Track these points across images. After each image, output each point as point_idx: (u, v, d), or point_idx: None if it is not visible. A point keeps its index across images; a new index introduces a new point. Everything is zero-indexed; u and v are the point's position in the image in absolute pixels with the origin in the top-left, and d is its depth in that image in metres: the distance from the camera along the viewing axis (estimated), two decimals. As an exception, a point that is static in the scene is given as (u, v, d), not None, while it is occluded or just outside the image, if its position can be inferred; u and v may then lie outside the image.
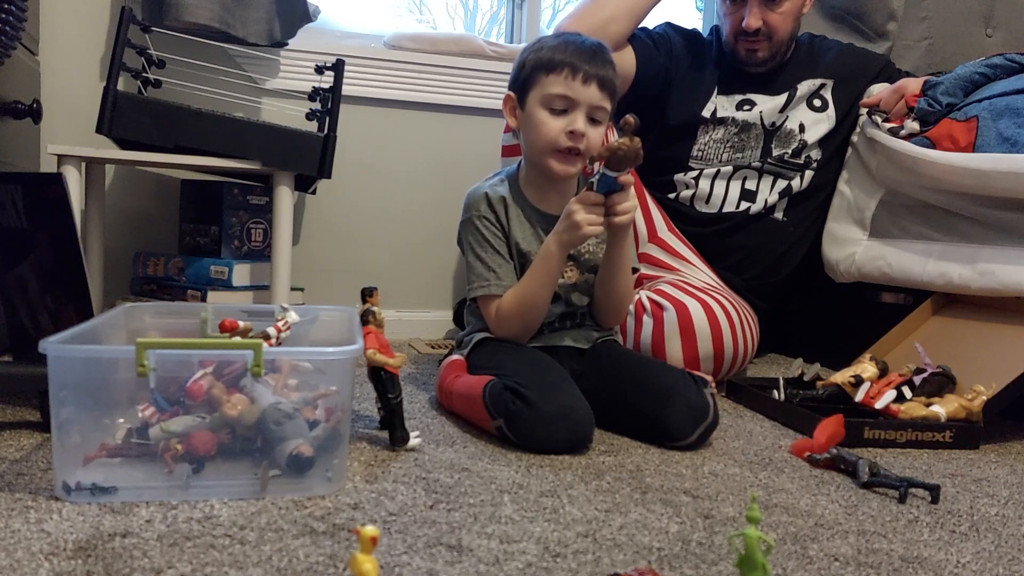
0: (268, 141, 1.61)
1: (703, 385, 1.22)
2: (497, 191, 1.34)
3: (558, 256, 1.26)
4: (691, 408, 1.18)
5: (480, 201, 1.34)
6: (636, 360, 1.34)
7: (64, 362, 0.85)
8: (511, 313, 1.30)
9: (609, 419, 1.24)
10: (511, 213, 1.33)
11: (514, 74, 1.35)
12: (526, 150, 1.36)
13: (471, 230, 1.34)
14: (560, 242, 1.25)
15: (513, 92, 1.35)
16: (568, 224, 1.24)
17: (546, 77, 1.28)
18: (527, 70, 1.31)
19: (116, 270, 1.82)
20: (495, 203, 1.34)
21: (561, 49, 1.28)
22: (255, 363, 0.87)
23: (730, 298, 1.63)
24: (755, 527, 0.63)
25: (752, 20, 1.73)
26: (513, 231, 1.33)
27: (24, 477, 0.90)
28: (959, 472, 1.16)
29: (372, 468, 1.01)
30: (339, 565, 0.73)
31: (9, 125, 1.50)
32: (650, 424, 1.20)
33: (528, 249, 1.33)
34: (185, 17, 1.68)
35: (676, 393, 1.19)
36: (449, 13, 2.94)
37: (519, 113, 1.34)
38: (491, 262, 1.32)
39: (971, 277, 1.50)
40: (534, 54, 1.31)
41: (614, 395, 1.25)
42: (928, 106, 1.62)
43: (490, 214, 1.33)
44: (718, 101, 1.82)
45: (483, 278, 1.32)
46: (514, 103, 1.34)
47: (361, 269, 2.07)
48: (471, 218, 1.34)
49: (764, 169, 1.81)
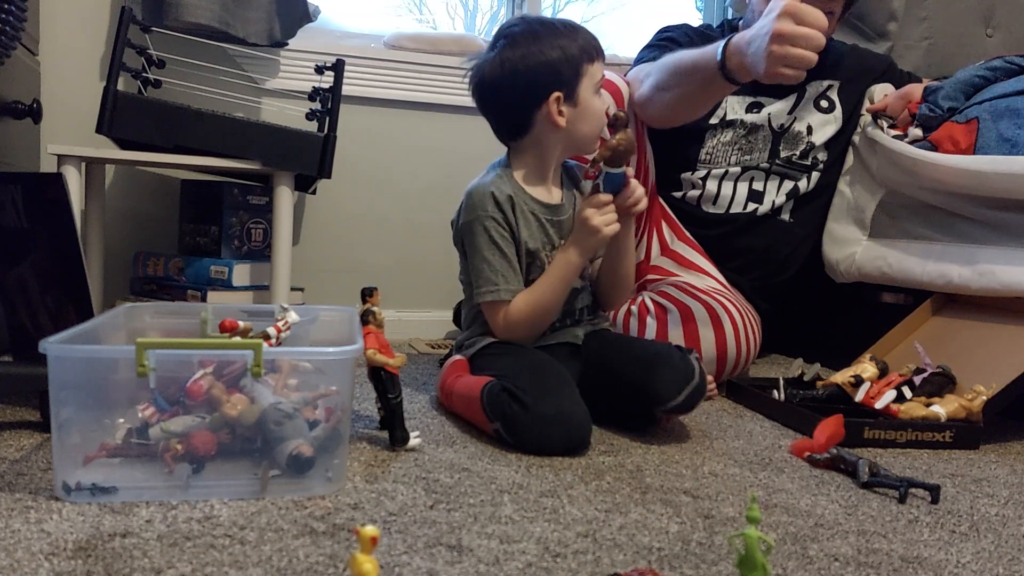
0: (268, 141, 1.61)
1: (688, 352, 1.24)
2: (502, 189, 1.29)
3: (579, 264, 1.28)
4: (676, 370, 1.20)
5: (487, 201, 1.28)
6: (622, 339, 1.39)
7: (64, 362, 0.85)
8: (522, 319, 1.29)
9: (599, 397, 1.24)
10: (517, 211, 1.30)
11: (556, 73, 1.26)
12: (574, 141, 1.32)
13: (478, 231, 1.28)
14: (582, 250, 1.27)
15: (560, 91, 1.27)
16: (587, 230, 1.25)
17: (591, 65, 1.29)
18: (574, 64, 1.26)
19: (116, 270, 1.82)
20: (503, 202, 1.28)
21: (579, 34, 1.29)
22: (255, 363, 0.87)
23: (734, 300, 1.63)
24: (755, 527, 0.63)
25: None
26: (521, 230, 1.30)
27: (24, 477, 0.90)
28: (959, 472, 1.16)
29: (372, 468, 1.01)
30: (339, 565, 0.73)
31: (9, 125, 1.50)
32: (638, 391, 1.21)
33: (536, 247, 1.31)
34: (185, 17, 1.68)
35: (661, 358, 1.22)
36: (449, 13, 2.95)
37: (567, 110, 1.28)
38: (499, 266, 1.28)
39: (971, 277, 1.50)
40: (564, 50, 1.26)
41: (603, 372, 1.27)
42: (929, 111, 1.63)
43: (498, 214, 1.28)
44: (728, 103, 1.81)
45: (491, 282, 1.28)
46: (561, 102, 1.27)
47: (361, 269, 2.07)
48: (477, 219, 1.28)
49: (772, 170, 1.80)
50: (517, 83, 1.28)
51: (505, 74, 1.29)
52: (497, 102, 1.34)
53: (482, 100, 1.35)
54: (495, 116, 1.36)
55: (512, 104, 1.31)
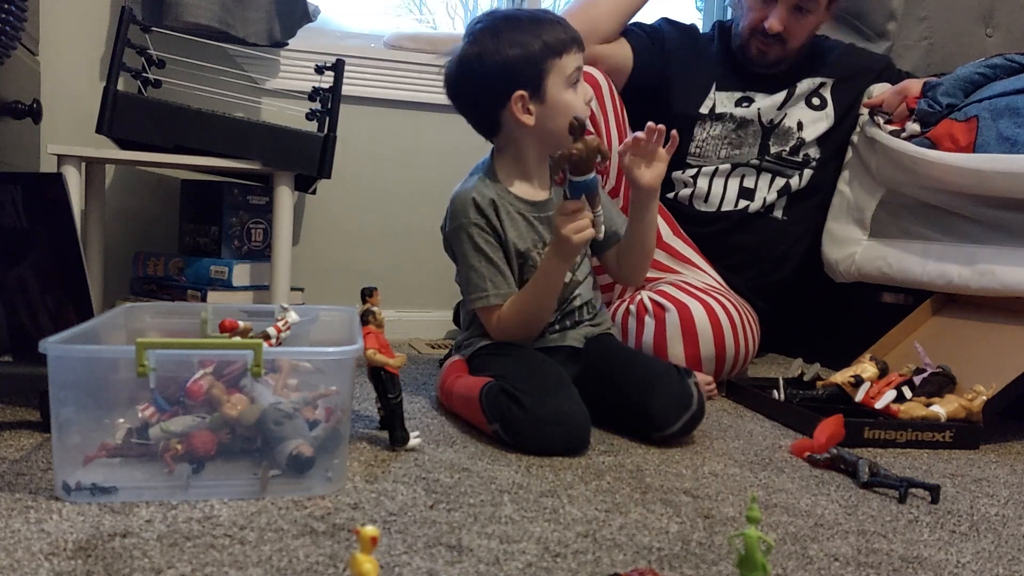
0: (268, 141, 1.61)
1: (687, 375, 1.22)
2: (484, 193, 1.28)
3: (561, 269, 1.25)
4: (674, 396, 1.19)
5: (468, 207, 1.28)
6: (623, 352, 1.36)
7: (64, 362, 0.85)
8: (513, 323, 1.29)
9: (601, 412, 1.24)
10: (502, 213, 1.29)
11: (515, 72, 1.25)
12: (549, 138, 1.29)
13: (463, 239, 1.28)
14: (560, 256, 1.23)
15: (524, 90, 1.26)
16: (559, 238, 1.20)
17: (559, 60, 1.26)
18: (535, 61, 1.24)
19: (116, 270, 1.82)
20: (485, 207, 1.28)
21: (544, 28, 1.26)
22: (255, 363, 0.87)
23: (731, 299, 1.63)
24: (755, 527, 0.63)
25: (775, 23, 1.72)
26: (507, 232, 1.29)
27: (24, 477, 0.90)
28: (959, 472, 1.16)
29: (372, 468, 1.01)
30: (339, 565, 0.73)
31: (9, 125, 1.50)
32: (635, 414, 1.21)
33: (526, 248, 1.31)
34: (185, 17, 1.68)
35: (659, 382, 1.20)
36: (449, 13, 2.94)
37: (535, 108, 1.27)
38: (486, 271, 1.28)
39: (971, 277, 1.50)
40: (524, 47, 1.24)
41: (605, 388, 1.26)
42: (928, 107, 1.62)
43: (480, 219, 1.28)
44: (717, 97, 1.82)
45: (480, 288, 1.28)
46: (526, 100, 1.27)
47: (361, 269, 2.07)
48: (461, 226, 1.28)
49: (762, 167, 1.81)
50: (478, 83, 1.28)
51: (464, 73, 1.29)
52: (463, 101, 1.34)
53: (451, 99, 1.36)
54: (466, 115, 1.36)
55: (478, 103, 1.32)
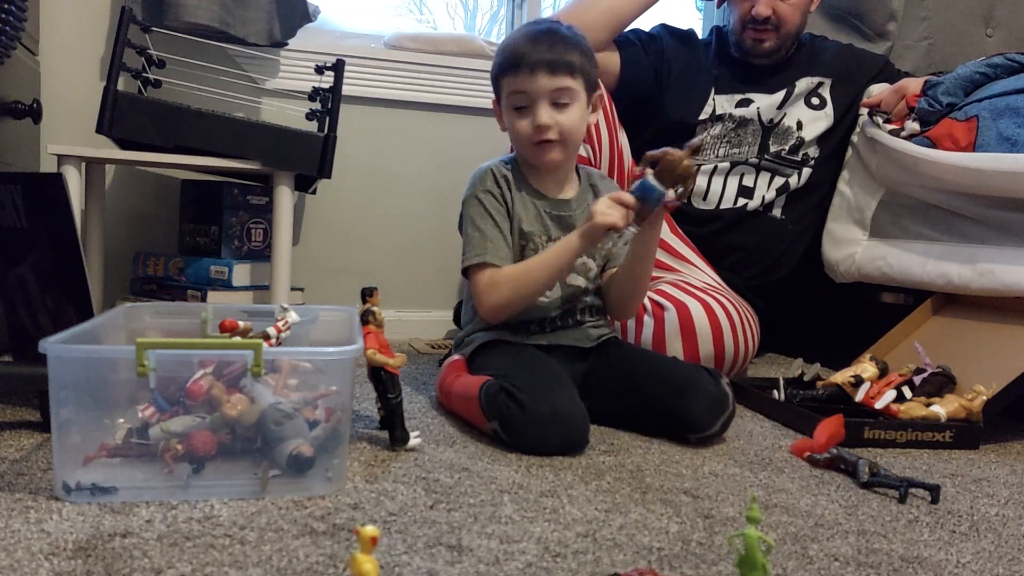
0: (268, 141, 1.61)
1: (718, 376, 1.24)
2: (502, 171, 1.35)
3: (576, 247, 1.24)
4: (713, 399, 1.20)
5: (486, 176, 1.34)
6: (647, 355, 1.37)
7: (64, 362, 0.85)
8: (505, 288, 1.27)
9: (621, 415, 1.26)
10: (515, 194, 1.33)
11: (492, 81, 1.37)
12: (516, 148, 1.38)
13: (473, 203, 1.32)
14: (581, 233, 1.24)
15: (497, 101, 1.37)
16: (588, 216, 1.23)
17: (505, 79, 1.31)
18: (494, 76, 1.35)
19: (116, 270, 1.82)
20: (500, 180, 1.33)
21: (511, 47, 1.30)
22: (255, 363, 0.87)
23: (731, 298, 1.63)
24: (755, 527, 0.63)
25: (762, 8, 1.75)
26: (517, 209, 1.33)
27: (24, 477, 0.90)
28: (959, 472, 1.16)
29: (372, 468, 1.01)
30: (339, 565, 0.73)
31: (9, 125, 1.50)
32: (670, 417, 1.21)
33: (531, 230, 1.32)
34: (185, 17, 1.68)
35: (697, 386, 1.21)
36: (449, 13, 2.95)
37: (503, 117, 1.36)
38: (490, 234, 1.30)
39: (971, 277, 1.50)
40: (496, 59, 1.34)
41: (627, 391, 1.26)
42: (928, 106, 1.62)
43: (495, 189, 1.33)
44: (716, 101, 1.82)
45: (479, 247, 1.29)
46: (499, 109, 1.37)
47: (361, 269, 2.07)
48: (475, 193, 1.33)
49: (761, 165, 1.81)
50: None
51: None
52: None
53: None
54: None
55: None
